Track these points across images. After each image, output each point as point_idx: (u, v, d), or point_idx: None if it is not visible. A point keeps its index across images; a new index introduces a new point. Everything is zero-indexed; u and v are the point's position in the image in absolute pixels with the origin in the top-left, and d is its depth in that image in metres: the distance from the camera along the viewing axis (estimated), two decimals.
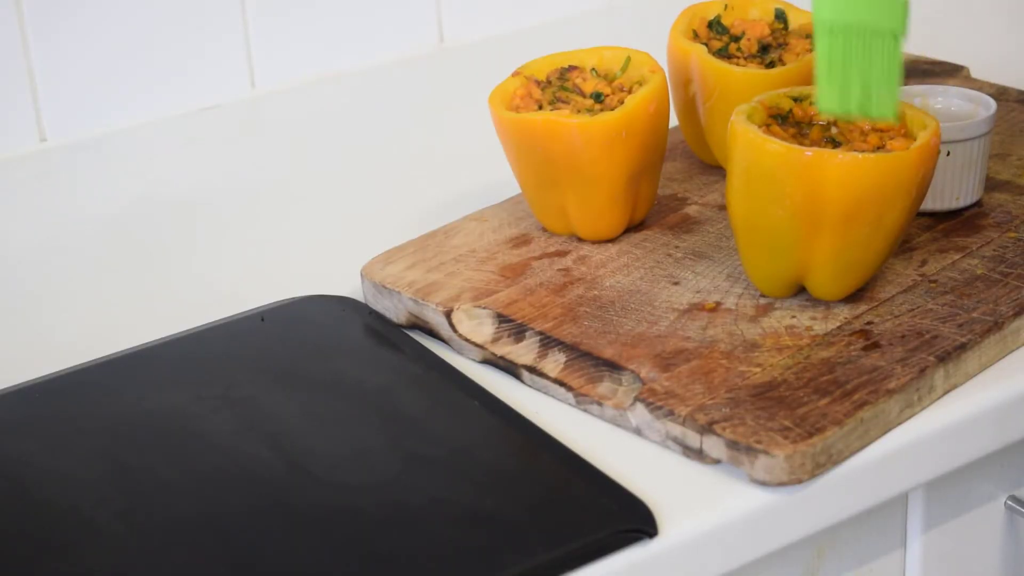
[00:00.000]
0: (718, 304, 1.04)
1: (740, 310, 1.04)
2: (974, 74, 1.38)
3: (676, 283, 1.07)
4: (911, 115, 1.03)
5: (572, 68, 1.14)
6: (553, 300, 1.06)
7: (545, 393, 1.01)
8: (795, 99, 1.06)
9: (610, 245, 1.12)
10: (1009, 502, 1.07)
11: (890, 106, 0.97)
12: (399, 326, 1.09)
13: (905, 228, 1.01)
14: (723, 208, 1.16)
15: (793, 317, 1.03)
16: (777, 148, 0.99)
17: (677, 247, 1.12)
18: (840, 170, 0.97)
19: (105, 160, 1.37)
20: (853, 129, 1.03)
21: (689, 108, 1.20)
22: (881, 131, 1.03)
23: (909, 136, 1.02)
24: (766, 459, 0.91)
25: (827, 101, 0.98)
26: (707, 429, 0.93)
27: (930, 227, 1.12)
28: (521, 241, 1.14)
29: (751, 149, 1.00)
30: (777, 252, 1.01)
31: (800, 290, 1.05)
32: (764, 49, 1.18)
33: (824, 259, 1.01)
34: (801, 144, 1.01)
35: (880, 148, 1.01)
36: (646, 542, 0.88)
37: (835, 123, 1.04)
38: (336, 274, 1.15)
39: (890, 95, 0.97)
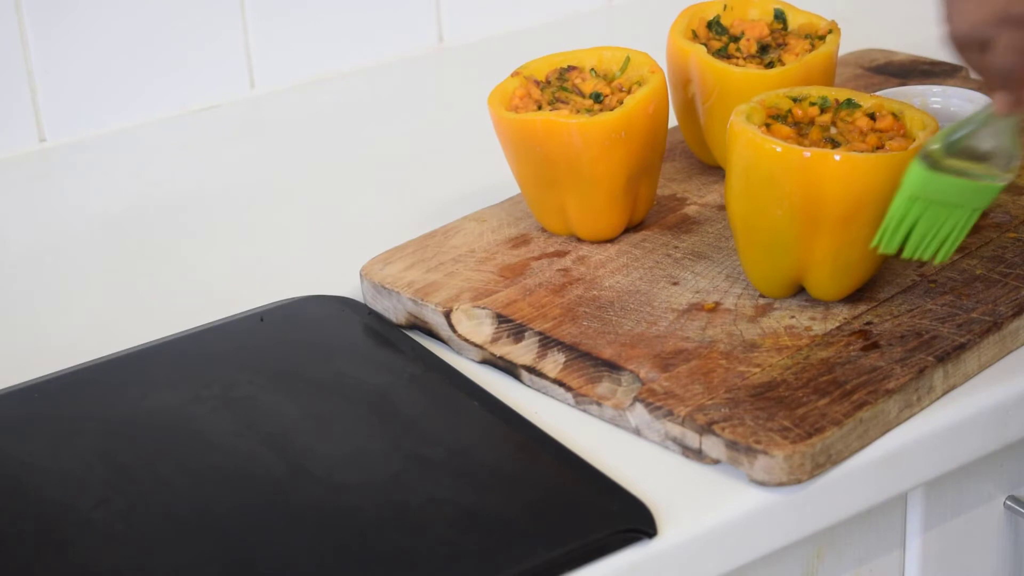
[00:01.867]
0: (717, 304, 1.04)
1: (739, 310, 1.04)
2: (972, 74, 1.38)
3: (675, 283, 1.07)
4: (910, 115, 1.03)
5: (571, 68, 1.14)
6: (552, 300, 1.06)
7: (544, 393, 1.01)
8: (794, 99, 1.06)
9: (609, 245, 1.12)
10: (1008, 502, 1.07)
11: (944, 258, 0.98)
12: (398, 326, 1.09)
13: None
14: (722, 208, 1.16)
15: (792, 317, 1.03)
16: (776, 148, 0.99)
17: (676, 247, 1.12)
18: (839, 170, 0.97)
19: (104, 160, 1.37)
20: (852, 129, 1.03)
21: (688, 108, 1.20)
22: (880, 131, 1.03)
23: (908, 136, 1.02)
24: (765, 459, 0.91)
25: (884, 244, 0.99)
26: (706, 429, 0.93)
27: None
28: (520, 241, 1.14)
29: (750, 149, 1.00)
30: (776, 252, 1.01)
31: (799, 290, 1.05)
32: (763, 49, 1.18)
33: (823, 259, 1.01)
34: (800, 144, 1.01)
35: (879, 148, 1.01)
36: (646, 542, 0.88)
37: (834, 123, 1.04)
38: (336, 274, 1.15)
39: (948, 250, 0.98)
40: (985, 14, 0.91)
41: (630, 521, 0.88)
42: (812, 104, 1.05)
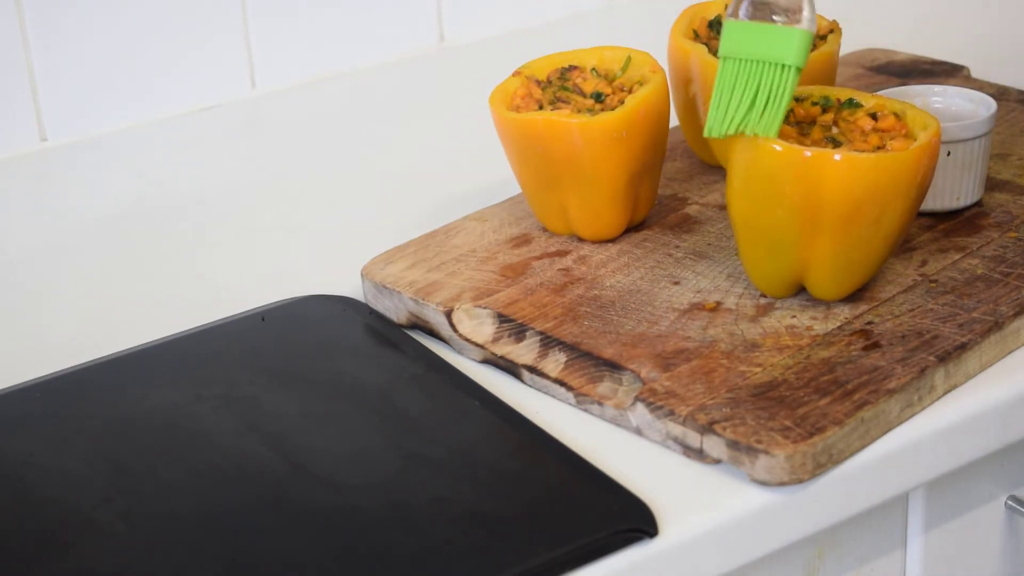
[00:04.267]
0: (718, 304, 1.04)
1: (740, 310, 1.04)
2: (974, 74, 1.38)
3: (676, 283, 1.07)
4: (912, 115, 1.03)
5: (572, 68, 1.14)
6: (553, 300, 1.06)
7: (545, 393, 1.01)
8: (796, 99, 1.06)
9: (610, 245, 1.12)
10: (1009, 502, 1.07)
11: (772, 127, 0.99)
12: (399, 326, 1.09)
13: (905, 228, 1.01)
14: (723, 208, 1.16)
15: (793, 317, 1.03)
16: (777, 148, 0.99)
17: (677, 247, 1.12)
18: (840, 170, 0.97)
19: (105, 160, 1.37)
20: (854, 129, 1.03)
21: (689, 108, 1.20)
22: (882, 131, 1.03)
23: (910, 136, 1.02)
24: (767, 459, 0.91)
25: (709, 126, 1.01)
26: (707, 429, 0.93)
27: (930, 227, 1.12)
28: (521, 241, 1.14)
29: (751, 149, 1.00)
30: (777, 252, 1.01)
31: (801, 290, 1.05)
32: None
33: (824, 259, 1.01)
34: (802, 144, 1.01)
35: (880, 148, 1.01)
36: (646, 542, 0.88)
37: (836, 123, 1.04)
38: (336, 274, 1.15)
39: (774, 116, 0.99)
40: None
41: (631, 521, 0.88)
42: (814, 104, 1.05)
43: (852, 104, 1.05)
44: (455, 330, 1.05)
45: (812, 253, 1.01)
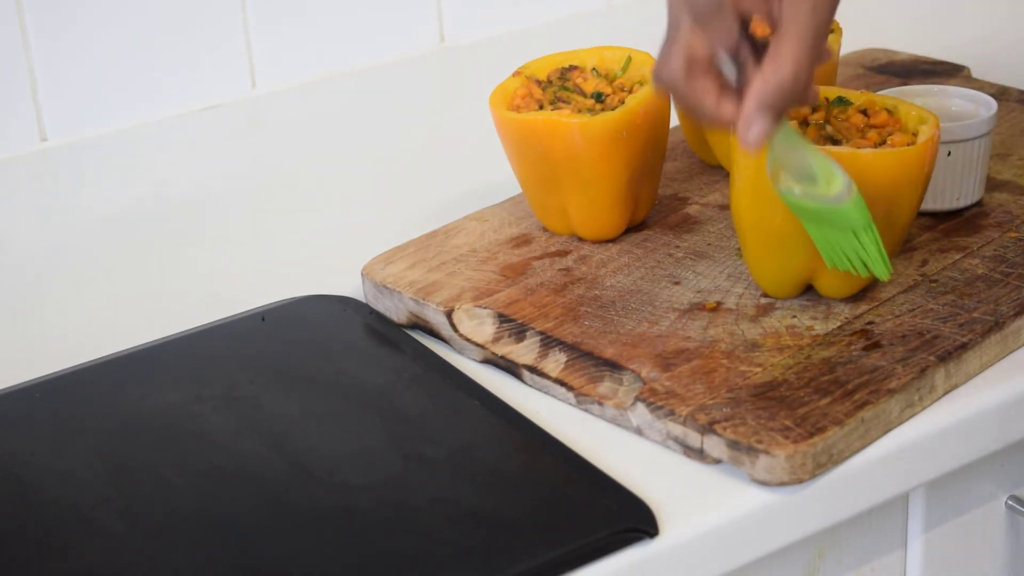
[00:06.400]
0: (719, 304, 1.04)
1: (741, 310, 1.04)
2: (974, 74, 1.38)
3: (677, 283, 1.07)
4: (904, 110, 1.03)
5: (573, 68, 1.14)
6: (554, 300, 1.06)
7: (546, 393, 1.01)
8: None
9: (611, 245, 1.12)
10: (1010, 502, 1.07)
11: (887, 270, 0.97)
12: (400, 326, 1.09)
13: (911, 224, 1.01)
14: (724, 208, 1.16)
15: (794, 317, 1.03)
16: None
17: (678, 247, 1.12)
18: (854, 167, 0.97)
19: (106, 160, 1.37)
20: (849, 127, 1.03)
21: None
22: (878, 127, 1.03)
23: (905, 131, 1.02)
24: (767, 459, 0.90)
25: (836, 263, 0.99)
26: (708, 429, 0.93)
27: (931, 227, 1.12)
28: (522, 241, 1.14)
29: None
30: (787, 253, 1.01)
31: (806, 290, 1.04)
32: (765, 49, 1.18)
33: None
34: None
35: (881, 144, 1.01)
36: (647, 542, 0.88)
37: (828, 121, 1.04)
38: (337, 274, 1.15)
39: (883, 260, 0.97)
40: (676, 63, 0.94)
41: (631, 521, 0.88)
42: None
43: (842, 102, 1.05)
44: (455, 330, 1.05)
45: None
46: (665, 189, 1.19)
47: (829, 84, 1.17)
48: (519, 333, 1.04)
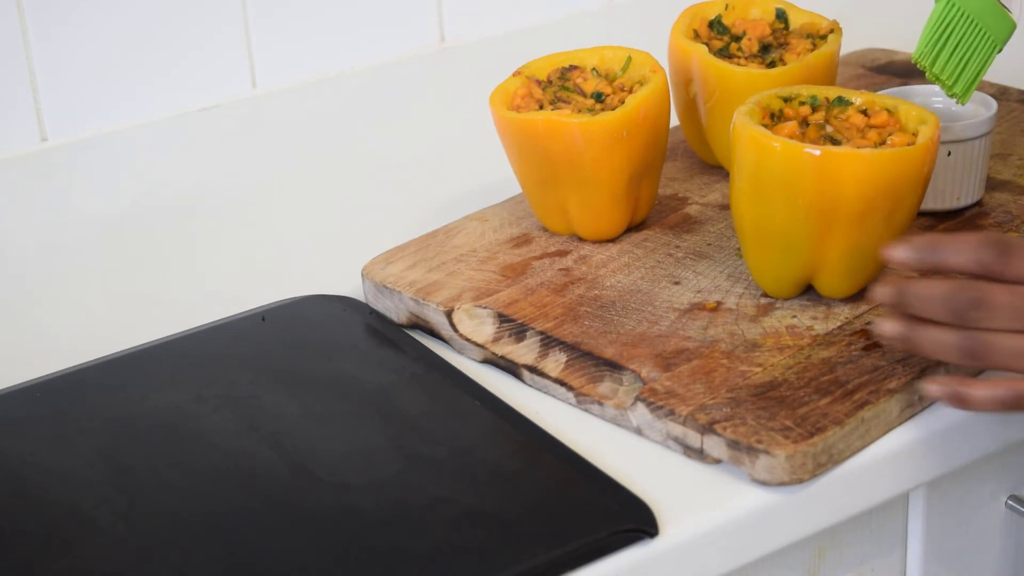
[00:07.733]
0: (719, 304, 1.04)
1: (741, 310, 1.04)
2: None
3: (677, 283, 1.07)
4: (904, 110, 1.03)
5: (573, 68, 1.14)
6: (554, 300, 1.06)
7: (546, 393, 1.01)
8: (784, 99, 1.05)
9: (611, 245, 1.12)
10: (1010, 502, 1.07)
11: (967, 94, 1.05)
12: (400, 326, 1.09)
13: (911, 224, 1.01)
14: (724, 208, 1.16)
15: (794, 317, 1.03)
16: (788, 147, 0.98)
17: (678, 247, 1.12)
18: (857, 167, 0.97)
19: (106, 160, 1.37)
20: (849, 127, 1.03)
21: (690, 108, 1.20)
22: (878, 127, 1.03)
23: (904, 131, 1.02)
24: (767, 459, 0.90)
25: (922, 54, 1.05)
26: (708, 429, 0.93)
27: (931, 227, 1.12)
28: (522, 241, 1.14)
29: (758, 150, 0.99)
30: (788, 252, 1.01)
31: (806, 289, 1.04)
32: (765, 49, 1.18)
33: (837, 257, 1.00)
34: (801, 143, 1.01)
35: (883, 144, 1.01)
36: (647, 542, 0.88)
37: (827, 121, 1.04)
38: (337, 274, 1.15)
39: (971, 85, 1.05)
40: None
41: (631, 520, 0.88)
42: (802, 103, 1.05)
43: (841, 102, 1.05)
44: (455, 330, 1.05)
45: (824, 252, 1.00)
46: (665, 189, 1.19)
47: (829, 84, 1.17)
48: (519, 333, 1.04)
